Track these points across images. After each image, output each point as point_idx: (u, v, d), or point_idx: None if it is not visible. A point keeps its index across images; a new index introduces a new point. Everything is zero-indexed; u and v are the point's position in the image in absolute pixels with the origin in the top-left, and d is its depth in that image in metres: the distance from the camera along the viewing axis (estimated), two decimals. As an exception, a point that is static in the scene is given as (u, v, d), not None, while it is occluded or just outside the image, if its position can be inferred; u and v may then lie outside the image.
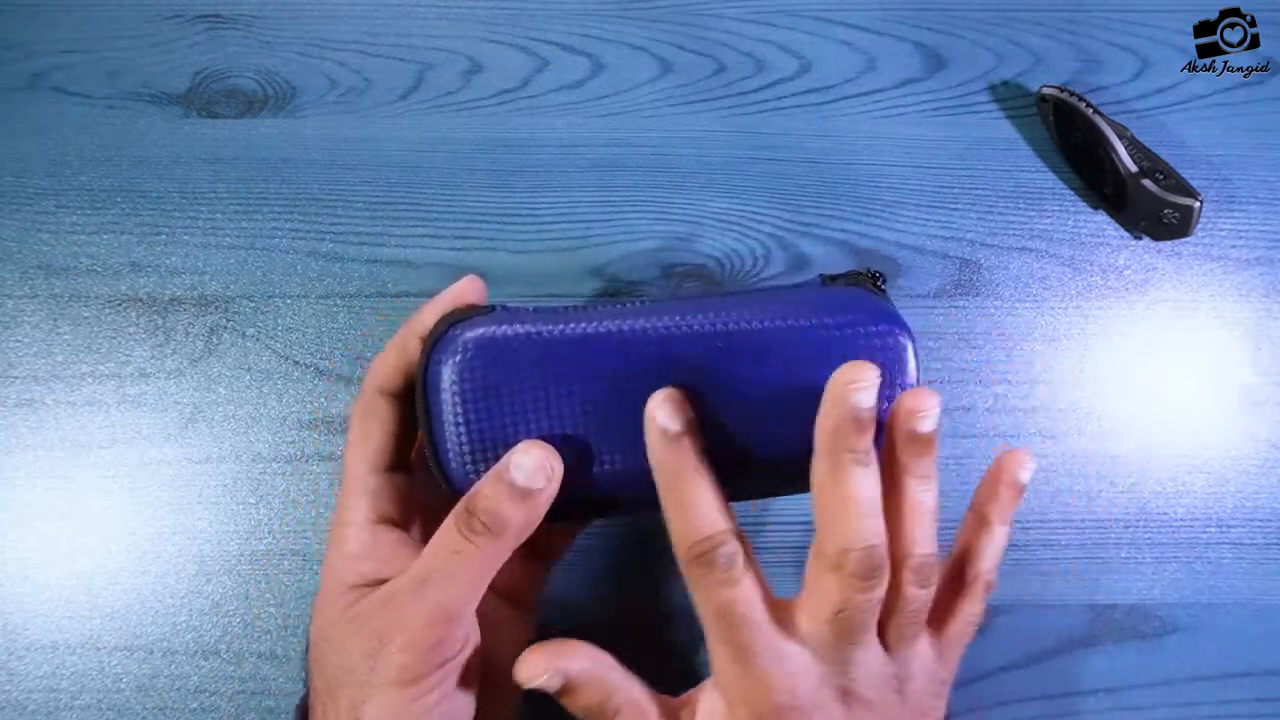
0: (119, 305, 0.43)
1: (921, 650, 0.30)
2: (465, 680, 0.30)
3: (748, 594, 0.28)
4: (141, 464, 0.41)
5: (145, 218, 0.44)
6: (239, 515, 0.41)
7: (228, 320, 0.43)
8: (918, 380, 0.30)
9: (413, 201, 0.45)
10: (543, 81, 0.47)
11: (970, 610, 0.31)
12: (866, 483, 0.28)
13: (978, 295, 0.44)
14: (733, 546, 0.28)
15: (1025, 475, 0.31)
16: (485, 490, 0.28)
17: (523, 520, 0.28)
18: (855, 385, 0.27)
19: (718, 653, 0.29)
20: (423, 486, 0.32)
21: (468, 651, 0.29)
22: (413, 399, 0.31)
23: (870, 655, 0.29)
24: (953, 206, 0.45)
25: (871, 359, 0.29)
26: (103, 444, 0.41)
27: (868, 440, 0.28)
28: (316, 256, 0.44)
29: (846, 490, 0.27)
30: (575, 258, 0.44)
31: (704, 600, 0.29)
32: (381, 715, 0.27)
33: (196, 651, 0.40)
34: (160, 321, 0.43)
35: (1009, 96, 0.47)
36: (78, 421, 0.42)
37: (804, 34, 0.47)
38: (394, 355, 0.32)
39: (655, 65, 0.47)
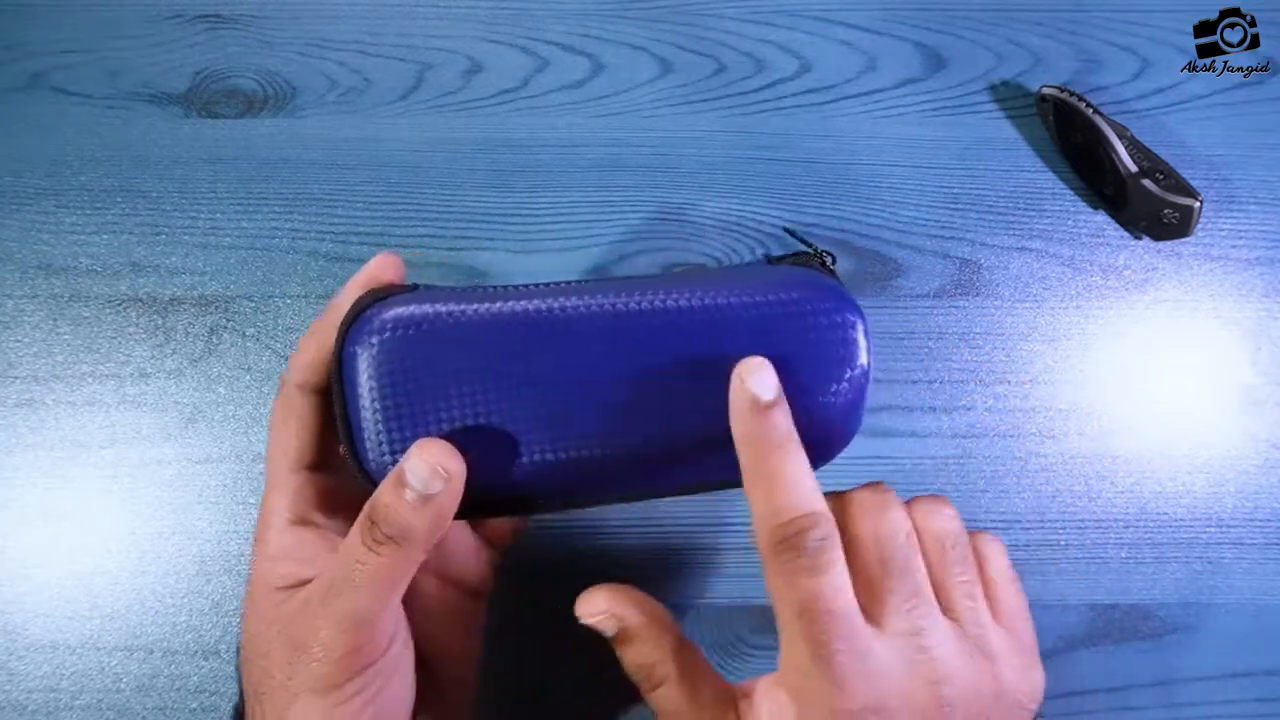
0: (119, 305, 0.43)
1: (984, 618, 0.28)
2: (394, 678, 0.28)
3: (836, 583, 0.26)
4: (141, 464, 0.41)
5: (145, 218, 0.44)
6: (239, 515, 0.41)
7: (228, 320, 0.43)
8: (868, 363, 0.29)
9: (413, 201, 0.45)
10: (543, 81, 0.47)
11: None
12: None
13: (978, 295, 0.44)
14: (825, 529, 0.26)
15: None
16: (384, 497, 0.27)
17: (427, 526, 0.27)
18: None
19: (795, 649, 0.27)
20: (349, 483, 0.31)
21: (394, 650, 0.28)
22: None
23: (939, 627, 0.27)
24: (953, 206, 0.45)
25: (820, 338, 0.28)
26: (103, 444, 0.41)
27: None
28: (316, 256, 0.44)
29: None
30: (575, 258, 0.44)
31: (786, 590, 0.27)
32: None
33: (196, 651, 0.40)
34: (160, 321, 0.43)
35: (1009, 96, 0.47)
36: (78, 421, 0.42)
37: (804, 34, 0.47)
38: (312, 348, 0.30)
39: (655, 65, 0.47)
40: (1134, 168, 0.43)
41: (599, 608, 0.28)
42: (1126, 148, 0.43)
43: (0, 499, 0.41)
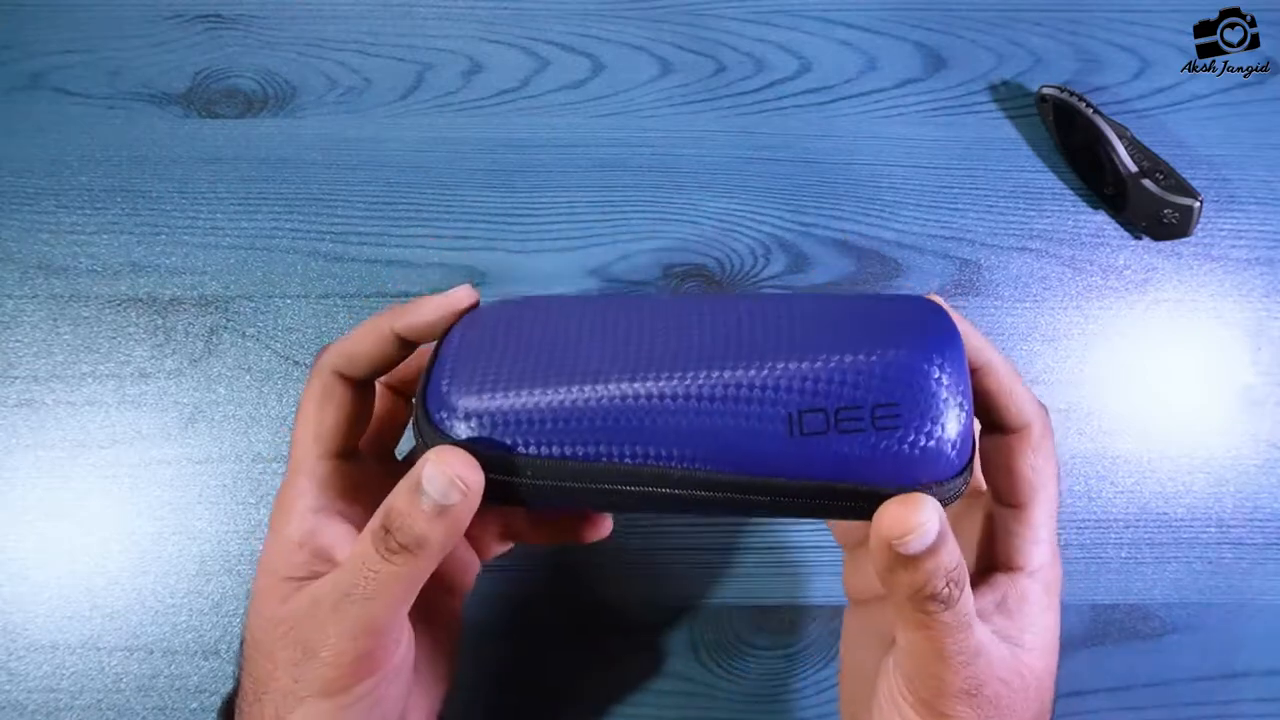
0: (119, 305, 0.43)
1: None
2: (396, 681, 0.28)
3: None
4: (141, 464, 0.41)
5: (145, 218, 0.44)
6: (239, 515, 0.41)
7: (228, 320, 0.43)
8: (962, 436, 0.25)
9: (412, 201, 0.45)
10: (543, 81, 0.46)
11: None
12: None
13: (978, 295, 0.44)
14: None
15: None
16: (399, 504, 0.26)
17: (441, 537, 0.26)
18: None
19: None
20: (373, 477, 0.31)
21: (399, 654, 0.28)
22: (371, 388, 0.30)
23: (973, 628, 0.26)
24: (953, 206, 0.45)
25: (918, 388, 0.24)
26: (103, 444, 0.41)
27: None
28: (316, 256, 0.44)
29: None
30: (575, 258, 0.44)
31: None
32: None
33: (196, 651, 0.40)
34: (160, 321, 0.43)
35: (1009, 96, 0.47)
36: (78, 421, 0.42)
37: (804, 34, 0.47)
38: (365, 342, 0.29)
39: (655, 65, 0.47)
40: (1134, 168, 0.43)
41: (932, 511, 0.24)
42: (1126, 148, 0.43)
43: (0, 499, 0.41)
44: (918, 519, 0.24)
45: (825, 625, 0.41)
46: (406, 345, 0.30)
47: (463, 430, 0.26)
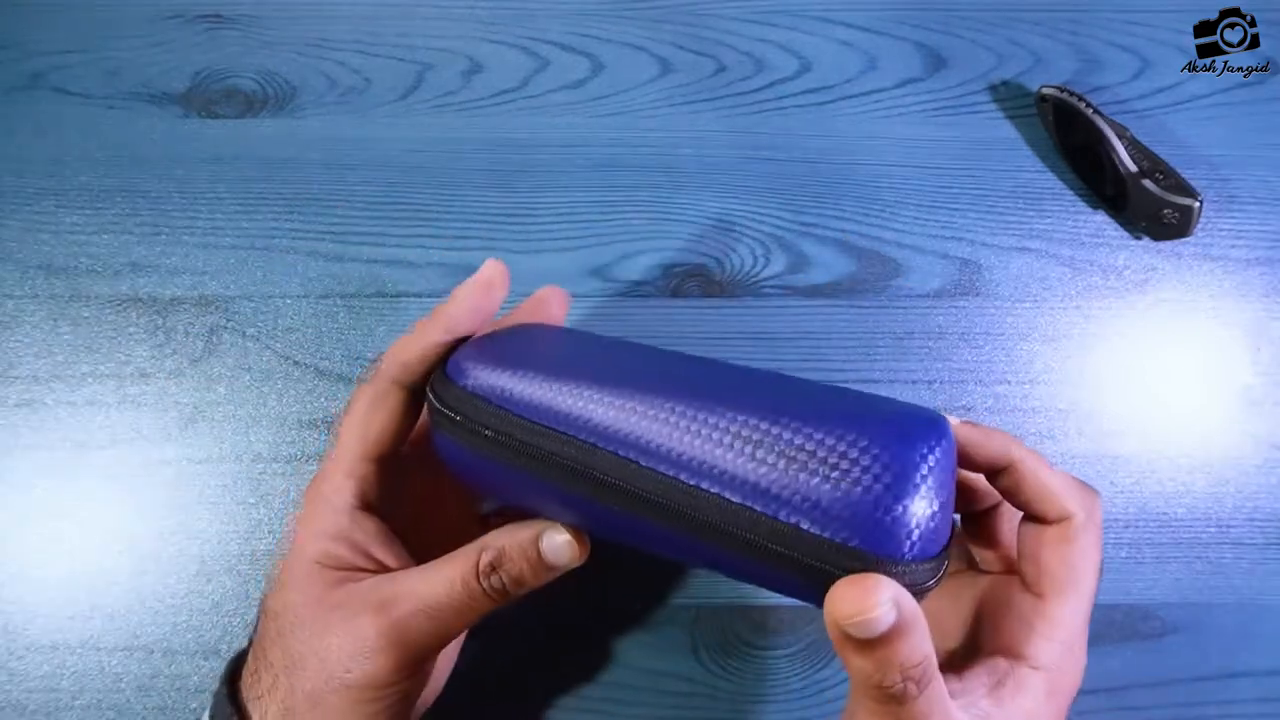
0: (119, 305, 0.43)
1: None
2: (425, 681, 0.31)
3: None
4: (141, 464, 0.41)
5: (145, 218, 0.44)
6: (239, 515, 0.41)
7: (228, 320, 0.43)
8: (926, 522, 0.23)
9: (413, 201, 0.45)
10: (543, 81, 0.46)
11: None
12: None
13: (978, 295, 0.44)
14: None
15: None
16: (513, 554, 0.29)
17: (540, 584, 0.29)
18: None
19: None
20: (409, 477, 0.32)
21: (438, 664, 0.30)
22: (423, 392, 0.31)
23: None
24: (953, 206, 0.45)
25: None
26: (103, 444, 0.41)
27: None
28: (316, 256, 0.44)
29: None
30: (575, 258, 0.44)
31: None
32: (343, 711, 0.28)
33: (196, 651, 0.40)
34: (160, 321, 0.43)
35: (1009, 96, 0.47)
36: (78, 421, 0.42)
37: (804, 34, 0.47)
38: (416, 348, 0.31)
39: (655, 65, 0.47)
40: (1134, 168, 0.43)
41: (885, 594, 0.22)
42: (1126, 148, 0.43)
43: (0, 499, 0.41)
44: (868, 600, 0.22)
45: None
46: (455, 339, 0.31)
47: (469, 383, 0.28)
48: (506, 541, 0.29)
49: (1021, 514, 0.29)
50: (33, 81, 0.46)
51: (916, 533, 0.23)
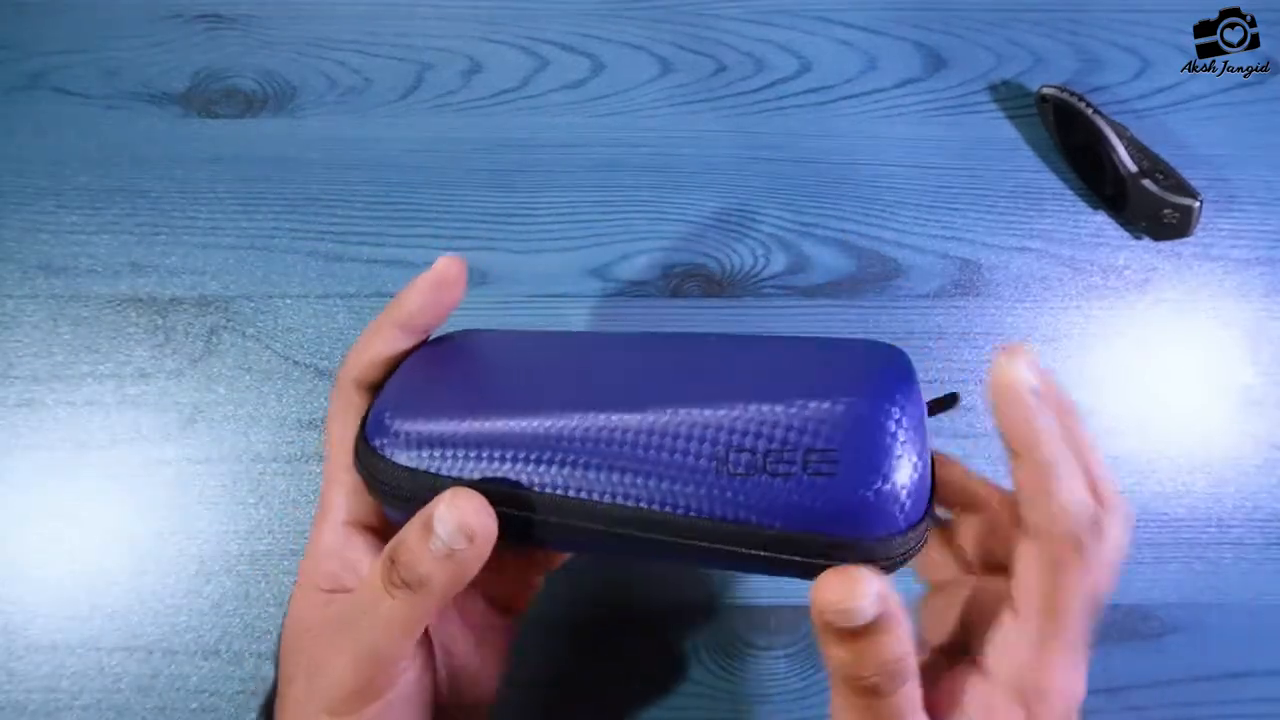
0: (119, 305, 0.43)
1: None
2: (409, 706, 0.28)
3: None
4: (141, 464, 0.41)
5: (145, 218, 0.44)
6: (239, 515, 0.41)
7: (228, 320, 0.43)
8: (910, 491, 0.23)
9: (412, 201, 0.45)
10: (543, 81, 0.46)
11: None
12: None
13: (978, 295, 0.44)
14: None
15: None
16: (408, 539, 0.25)
17: (446, 580, 0.25)
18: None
19: None
20: None
21: (409, 677, 0.27)
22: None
23: None
24: (953, 206, 0.45)
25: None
26: (103, 444, 0.41)
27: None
28: (316, 256, 0.44)
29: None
30: (575, 258, 0.44)
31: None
32: None
33: (196, 651, 0.40)
34: (160, 321, 0.43)
35: (1009, 96, 0.47)
36: (78, 421, 0.42)
37: (804, 34, 0.47)
38: (372, 346, 0.29)
39: (655, 65, 0.47)
40: (1134, 168, 0.43)
41: (870, 587, 0.22)
42: (1126, 148, 0.43)
43: (0, 499, 0.41)
44: (853, 591, 0.22)
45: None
46: (413, 335, 0.30)
47: (400, 456, 0.26)
48: (406, 532, 0.25)
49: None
50: (33, 81, 0.46)
51: (907, 500, 0.23)
